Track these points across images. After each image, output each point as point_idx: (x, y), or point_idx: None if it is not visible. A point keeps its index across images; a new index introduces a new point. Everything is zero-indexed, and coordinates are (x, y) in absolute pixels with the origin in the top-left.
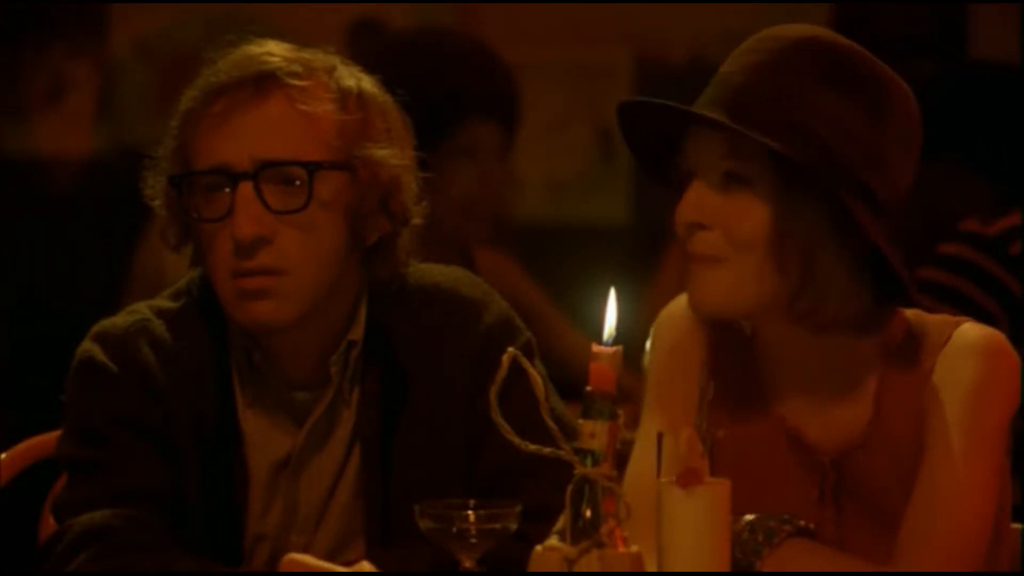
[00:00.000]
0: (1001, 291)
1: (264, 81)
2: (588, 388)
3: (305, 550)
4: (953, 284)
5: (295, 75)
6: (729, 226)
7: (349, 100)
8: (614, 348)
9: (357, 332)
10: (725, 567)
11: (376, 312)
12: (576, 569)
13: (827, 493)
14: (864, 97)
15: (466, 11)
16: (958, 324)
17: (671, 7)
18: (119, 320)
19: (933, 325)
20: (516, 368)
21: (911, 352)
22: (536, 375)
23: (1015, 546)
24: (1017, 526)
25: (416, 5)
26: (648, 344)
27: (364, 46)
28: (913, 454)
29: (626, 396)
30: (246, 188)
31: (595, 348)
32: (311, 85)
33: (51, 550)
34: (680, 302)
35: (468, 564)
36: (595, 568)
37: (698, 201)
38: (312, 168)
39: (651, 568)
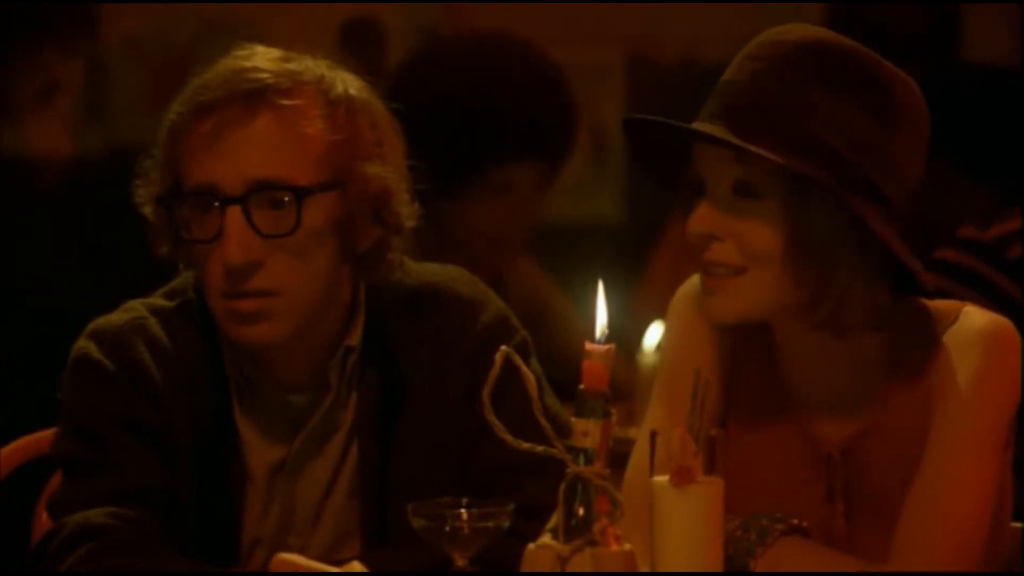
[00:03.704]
0: (999, 296)
1: (253, 99)
2: (581, 387)
3: (302, 551)
4: (951, 290)
5: (284, 92)
6: (742, 239)
7: (338, 113)
8: (606, 346)
9: (354, 338)
10: (718, 566)
11: (374, 316)
12: (569, 568)
13: (836, 489)
14: (871, 99)
15: (457, 11)
16: (962, 307)
17: (663, 7)
18: (114, 318)
19: (937, 309)
20: (512, 367)
21: (917, 339)
22: (529, 374)
23: (1015, 545)
24: (1017, 525)
25: (408, 5)
26: (663, 326)
27: (363, 51)
28: (920, 444)
29: (620, 393)
30: (235, 212)
31: (587, 346)
32: (301, 104)
33: (45, 548)
34: (695, 282)
35: (461, 563)
36: (588, 566)
37: (710, 213)
38: (301, 194)
39: (644, 566)
